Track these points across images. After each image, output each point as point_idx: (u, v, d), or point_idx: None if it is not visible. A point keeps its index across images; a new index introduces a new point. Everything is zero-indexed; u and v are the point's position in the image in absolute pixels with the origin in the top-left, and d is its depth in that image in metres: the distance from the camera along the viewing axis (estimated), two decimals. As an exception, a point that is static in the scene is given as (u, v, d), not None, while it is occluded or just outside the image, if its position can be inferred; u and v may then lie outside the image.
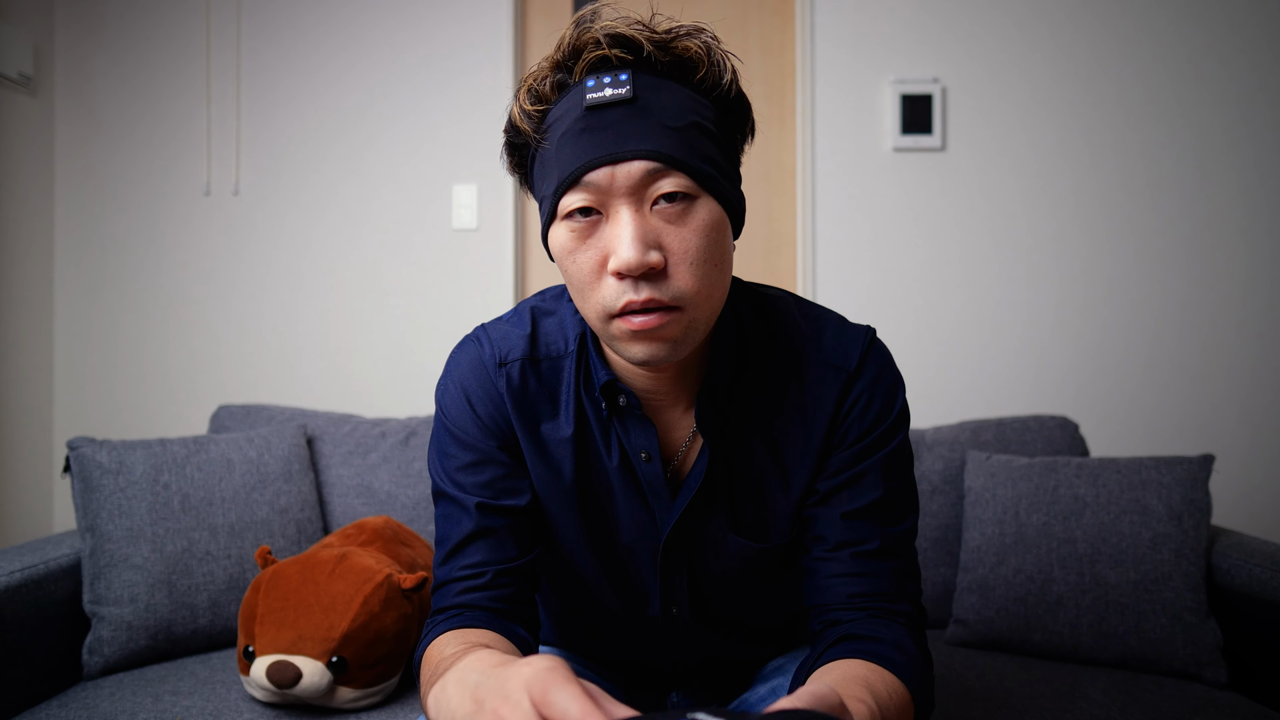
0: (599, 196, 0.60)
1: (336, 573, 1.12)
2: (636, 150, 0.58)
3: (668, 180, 0.59)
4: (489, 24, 1.99)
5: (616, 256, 0.59)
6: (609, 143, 0.59)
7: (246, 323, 2.01)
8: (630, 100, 0.59)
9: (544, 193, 0.63)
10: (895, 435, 0.72)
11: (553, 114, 0.62)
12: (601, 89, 0.59)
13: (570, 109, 0.60)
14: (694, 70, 0.62)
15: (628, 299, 0.59)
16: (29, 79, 1.89)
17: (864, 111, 1.98)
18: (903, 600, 0.69)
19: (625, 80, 0.59)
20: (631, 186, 0.59)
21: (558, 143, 0.60)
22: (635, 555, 0.76)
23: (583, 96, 0.59)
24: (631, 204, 0.59)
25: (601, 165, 0.58)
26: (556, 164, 0.60)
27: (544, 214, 0.64)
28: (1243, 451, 1.95)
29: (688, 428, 0.73)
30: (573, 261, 0.62)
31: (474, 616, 0.68)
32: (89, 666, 1.22)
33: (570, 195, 0.60)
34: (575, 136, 0.59)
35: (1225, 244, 1.97)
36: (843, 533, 0.71)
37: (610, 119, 0.59)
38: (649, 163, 0.58)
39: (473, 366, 0.74)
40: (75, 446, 1.30)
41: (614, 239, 0.59)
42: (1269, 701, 1.20)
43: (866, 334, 0.74)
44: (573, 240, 0.61)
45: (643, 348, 0.62)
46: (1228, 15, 1.96)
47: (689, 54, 0.61)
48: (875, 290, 1.99)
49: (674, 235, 0.60)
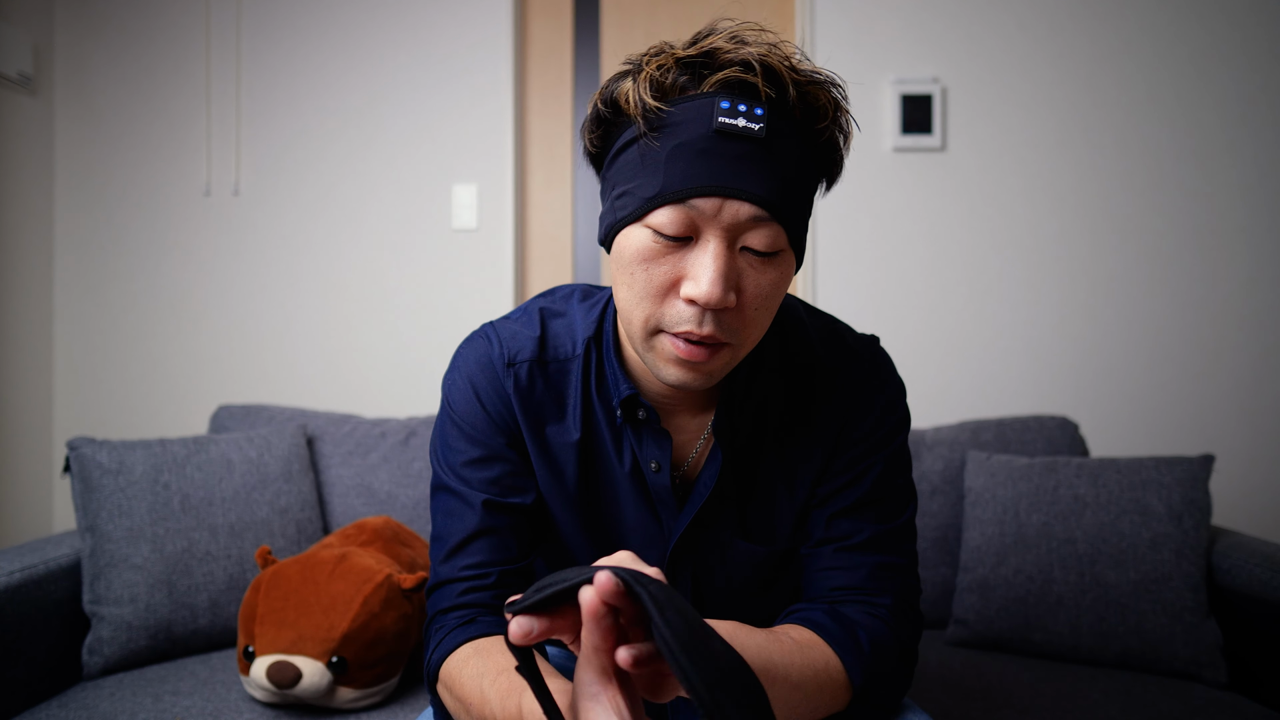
0: (697, 222, 0.59)
1: (337, 573, 1.12)
2: (752, 194, 0.57)
3: (765, 230, 0.59)
4: (489, 24, 1.99)
5: (698, 286, 0.58)
6: (729, 176, 0.57)
7: (246, 323, 2.01)
8: (761, 139, 0.57)
9: (633, 189, 0.61)
10: (895, 438, 0.74)
11: (673, 115, 0.59)
12: (736, 116, 0.57)
13: (695, 119, 0.58)
14: (816, 120, 0.61)
15: (690, 328, 0.60)
16: (29, 79, 1.89)
17: (864, 111, 1.98)
18: (884, 594, 0.70)
19: (761, 116, 0.57)
20: (734, 224, 0.58)
21: (672, 151, 0.58)
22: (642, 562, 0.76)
23: (713, 114, 0.57)
24: (725, 240, 0.59)
25: (714, 195, 0.57)
26: (664, 172, 0.58)
27: (624, 209, 0.62)
28: (1243, 451, 1.95)
29: (697, 433, 0.73)
30: (644, 270, 0.61)
31: (486, 623, 0.68)
32: (89, 666, 1.22)
33: (668, 210, 0.58)
34: (695, 154, 0.58)
35: (1225, 244, 1.97)
36: (831, 529, 0.72)
37: (736, 151, 0.57)
38: (758, 209, 0.58)
39: (481, 363, 0.73)
40: (75, 446, 1.30)
41: (699, 267, 0.59)
42: (1269, 701, 1.20)
43: (870, 343, 0.77)
44: (653, 251, 0.60)
45: (680, 373, 0.62)
46: (1228, 15, 1.96)
47: (819, 104, 0.60)
48: (875, 290, 1.99)
49: (752, 280, 0.60)
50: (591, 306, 0.77)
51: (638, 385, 0.71)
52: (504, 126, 1.99)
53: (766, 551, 0.74)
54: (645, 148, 0.60)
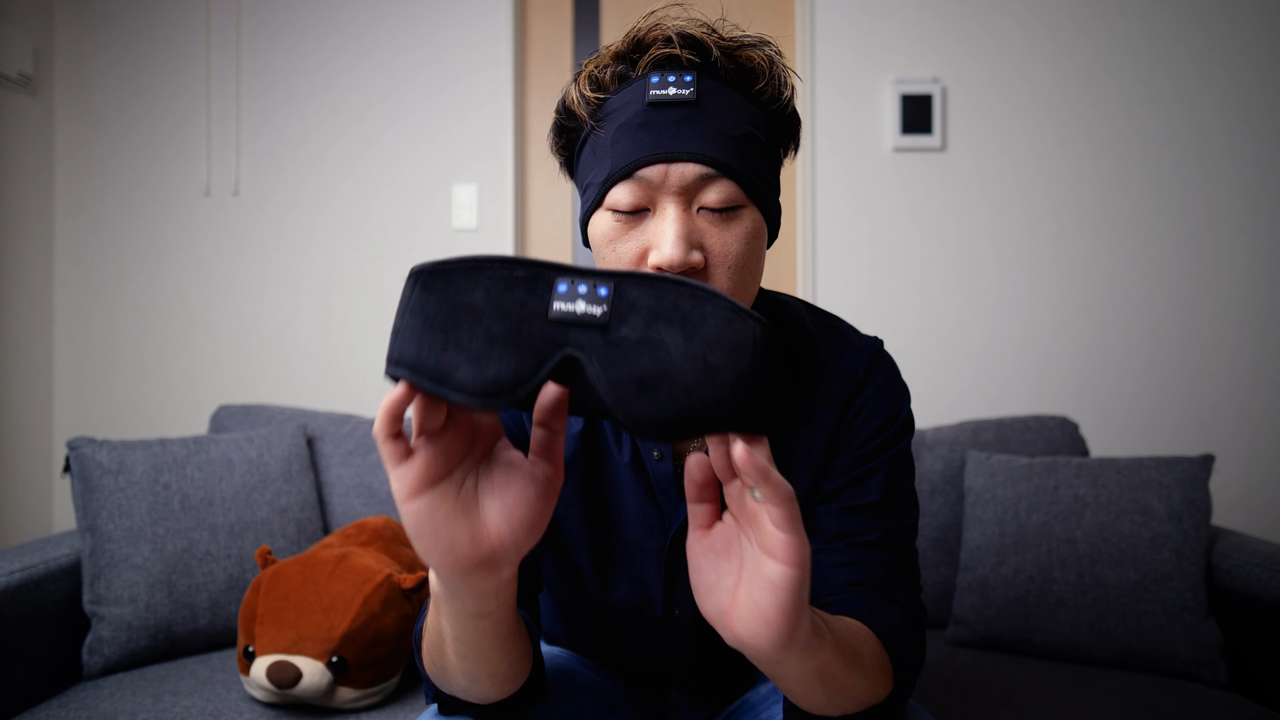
0: (649, 192, 0.61)
1: (337, 573, 1.12)
2: (693, 153, 0.59)
3: (717, 186, 0.60)
4: (489, 24, 1.99)
5: (659, 251, 0.60)
6: (667, 141, 0.59)
7: (246, 323, 2.01)
8: (693, 102, 0.60)
9: (591, 179, 0.64)
10: (899, 441, 0.74)
11: (611, 103, 0.62)
12: (666, 87, 0.60)
13: (630, 101, 0.61)
14: (754, 81, 0.63)
15: None
16: (29, 79, 1.89)
17: (864, 111, 1.98)
18: (898, 590, 0.70)
19: (690, 82, 0.60)
20: (683, 187, 0.60)
21: (615, 133, 0.61)
22: (641, 553, 0.76)
23: (645, 91, 0.60)
24: (679, 203, 0.60)
25: (657, 162, 0.60)
26: (611, 153, 0.61)
27: (588, 200, 0.65)
28: (1243, 451, 1.95)
29: None
30: (612, 250, 0.63)
31: None
32: (89, 666, 1.22)
33: (620, 187, 0.61)
34: (634, 130, 0.60)
35: (1225, 244, 1.97)
36: (841, 525, 0.72)
37: (671, 118, 0.60)
38: (703, 167, 0.60)
39: None
40: (75, 446, 1.30)
41: (658, 234, 0.60)
42: (1269, 701, 1.20)
43: (874, 344, 0.76)
44: (616, 230, 0.62)
45: None
46: (1228, 15, 1.96)
47: (752, 64, 0.62)
48: (875, 290, 1.99)
49: (716, 238, 0.61)
50: None
51: None
52: (504, 126, 1.99)
53: None
54: (595, 140, 0.63)
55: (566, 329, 0.40)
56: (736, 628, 0.44)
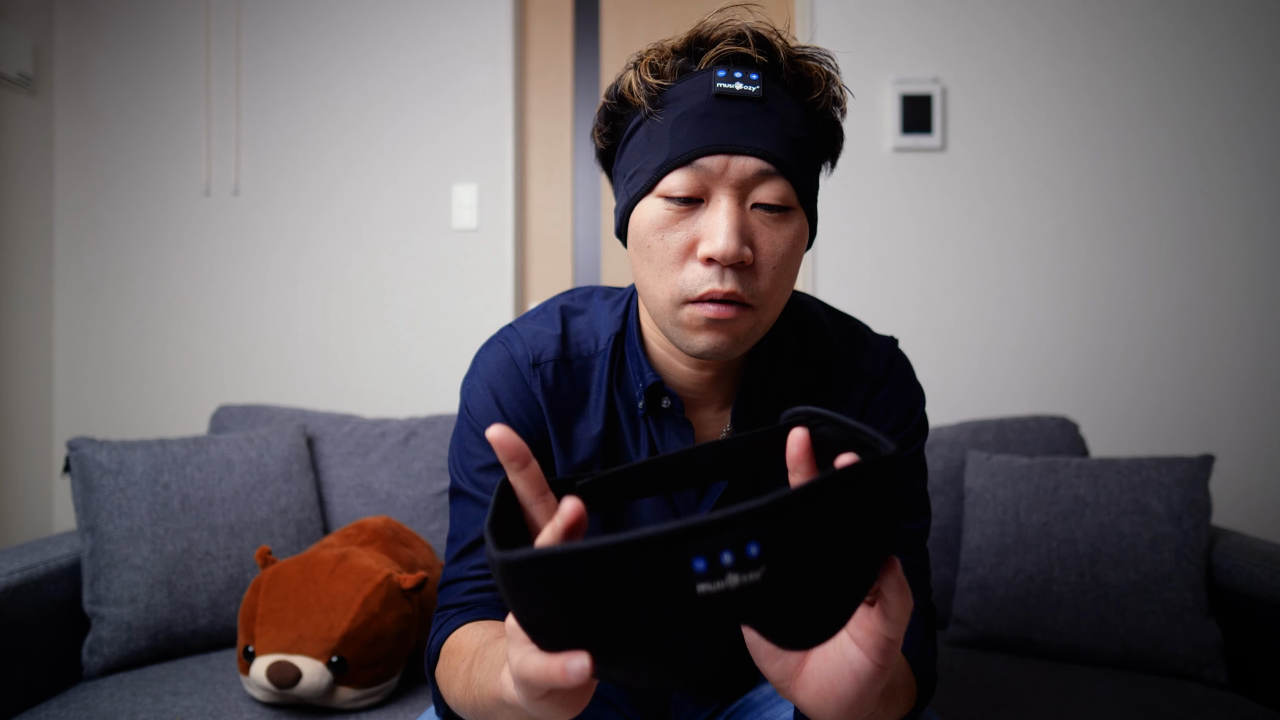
0: (705, 182, 0.60)
1: (336, 573, 1.12)
2: (756, 148, 0.59)
3: (773, 184, 0.61)
4: (489, 24, 1.99)
5: (711, 242, 0.60)
6: (731, 133, 0.60)
7: (246, 323, 2.01)
8: (759, 99, 0.60)
9: (643, 165, 0.63)
10: (913, 442, 0.74)
11: (673, 92, 0.62)
12: (733, 81, 0.60)
13: (695, 91, 0.61)
14: (811, 90, 0.63)
15: (711, 287, 0.60)
16: (29, 79, 1.89)
17: (864, 111, 1.98)
18: (915, 594, 0.70)
19: (756, 80, 0.60)
20: (741, 180, 0.60)
21: (675, 120, 0.61)
22: None
23: (711, 83, 0.60)
24: (735, 196, 0.61)
25: (719, 153, 0.59)
26: (670, 140, 0.61)
27: (635, 185, 0.64)
28: (1243, 451, 1.95)
29: (719, 426, 0.74)
30: (660, 238, 0.62)
31: (484, 611, 0.69)
32: (89, 666, 1.22)
33: (677, 174, 0.61)
34: (697, 119, 0.60)
35: (1225, 244, 1.97)
36: None
37: (736, 111, 0.60)
38: (763, 162, 0.60)
39: (502, 367, 0.73)
40: (75, 446, 1.30)
41: (711, 226, 0.60)
42: (1269, 701, 1.21)
43: (891, 345, 0.77)
44: (666, 218, 0.62)
45: (709, 338, 0.63)
46: (1228, 16, 1.96)
47: (811, 74, 0.63)
48: (875, 290, 1.99)
49: (766, 237, 0.62)
50: (616, 304, 0.77)
51: (663, 376, 0.72)
52: (504, 126, 1.99)
53: None
54: (651, 125, 0.62)
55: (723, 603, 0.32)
56: (801, 696, 0.44)
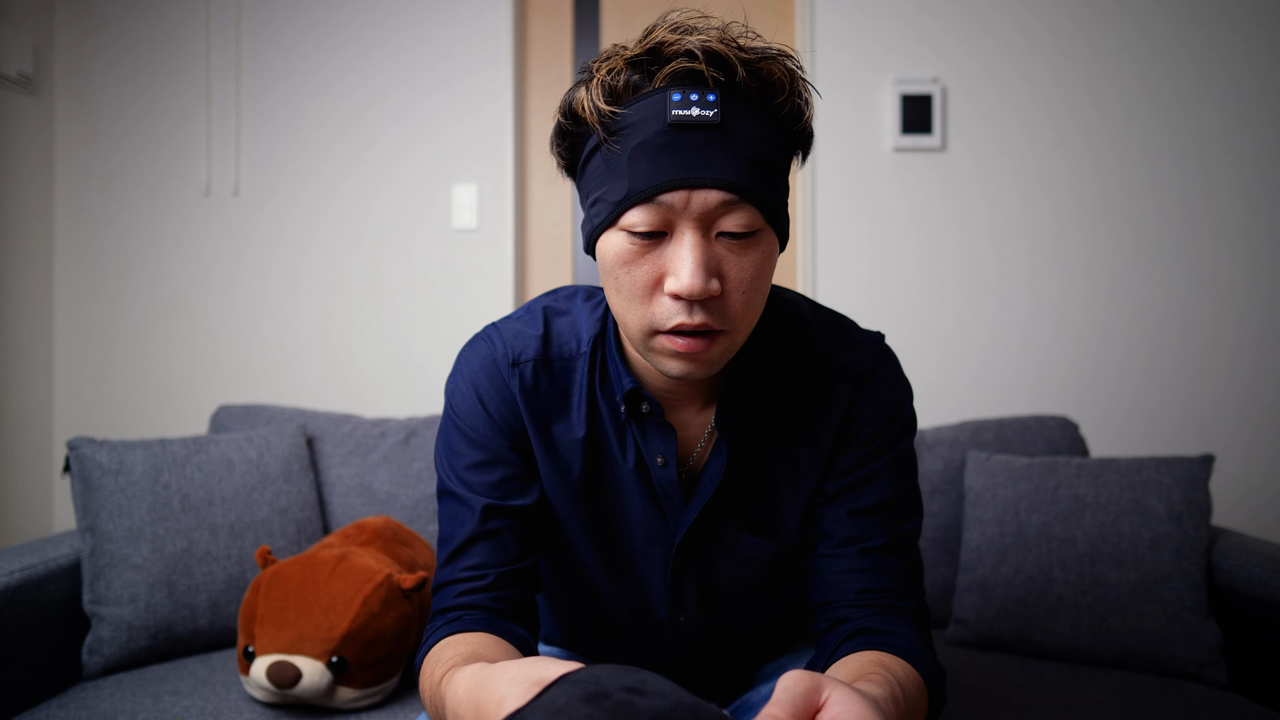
0: (668, 216, 0.59)
1: (336, 573, 1.12)
2: (716, 180, 0.58)
3: (738, 212, 0.59)
4: (489, 24, 1.99)
5: (678, 279, 0.58)
6: (690, 165, 0.58)
7: (246, 323, 2.01)
8: (716, 125, 0.58)
9: (603, 196, 0.61)
10: (902, 439, 0.74)
11: (628, 116, 0.59)
12: (689, 107, 0.57)
13: (650, 118, 0.58)
14: (775, 95, 0.61)
15: (680, 321, 0.60)
16: (29, 79, 1.89)
17: (864, 111, 1.98)
18: (908, 598, 0.70)
19: (713, 102, 0.57)
20: (704, 213, 0.59)
21: (632, 151, 0.59)
22: (646, 559, 0.76)
23: (665, 109, 0.58)
24: (699, 229, 0.59)
25: (679, 188, 0.58)
26: (629, 174, 0.59)
27: (598, 216, 0.62)
28: (1243, 451, 1.95)
29: (702, 427, 0.73)
30: (626, 273, 0.61)
31: (473, 619, 0.68)
32: (89, 666, 1.22)
33: (639, 210, 0.59)
34: (654, 152, 0.58)
35: (1225, 244, 1.97)
36: (850, 529, 0.71)
37: (693, 141, 0.58)
38: (726, 194, 0.58)
39: (484, 366, 0.73)
40: (75, 446, 1.30)
41: (677, 261, 0.59)
42: (1269, 701, 1.20)
43: (877, 340, 0.76)
44: (630, 253, 0.61)
45: (681, 365, 0.62)
46: (1228, 15, 1.96)
47: (773, 78, 0.60)
48: (875, 290, 1.99)
49: (734, 264, 0.61)
50: (595, 306, 0.77)
51: (640, 380, 0.72)
52: (504, 126, 1.99)
53: (773, 547, 0.74)
54: (608, 153, 0.60)
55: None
56: None
